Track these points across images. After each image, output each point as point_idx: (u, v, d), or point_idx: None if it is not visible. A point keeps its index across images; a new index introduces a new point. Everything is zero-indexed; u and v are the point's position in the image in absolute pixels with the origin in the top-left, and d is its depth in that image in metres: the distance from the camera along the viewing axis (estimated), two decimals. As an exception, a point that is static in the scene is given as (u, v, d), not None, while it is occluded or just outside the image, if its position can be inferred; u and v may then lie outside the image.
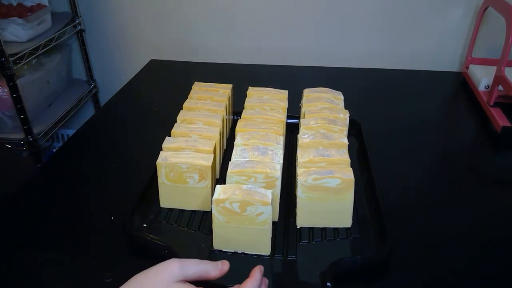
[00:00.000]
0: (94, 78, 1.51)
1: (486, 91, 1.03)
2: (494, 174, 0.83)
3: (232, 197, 0.55)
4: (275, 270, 0.58)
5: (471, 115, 1.02)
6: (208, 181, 0.65)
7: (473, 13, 1.20)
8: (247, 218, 0.56)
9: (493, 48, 1.20)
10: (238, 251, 0.60)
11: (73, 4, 1.35)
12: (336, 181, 0.60)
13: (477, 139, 0.95)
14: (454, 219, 0.68)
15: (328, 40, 1.31)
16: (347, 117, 0.76)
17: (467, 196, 0.75)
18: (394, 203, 0.68)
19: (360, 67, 1.25)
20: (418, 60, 1.28)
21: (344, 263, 0.56)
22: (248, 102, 0.80)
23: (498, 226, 0.68)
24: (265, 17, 1.30)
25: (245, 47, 1.35)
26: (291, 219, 0.65)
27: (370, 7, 1.24)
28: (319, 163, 0.64)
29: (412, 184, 0.77)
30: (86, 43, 1.44)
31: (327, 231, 0.63)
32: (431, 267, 0.59)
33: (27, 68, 1.21)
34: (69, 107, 1.36)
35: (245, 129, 0.72)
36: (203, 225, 0.64)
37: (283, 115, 0.77)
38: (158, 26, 1.37)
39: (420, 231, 0.66)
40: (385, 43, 1.28)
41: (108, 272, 0.57)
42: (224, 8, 1.30)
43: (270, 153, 0.65)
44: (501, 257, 0.62)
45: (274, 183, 0.62)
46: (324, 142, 0.68)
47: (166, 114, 0.82)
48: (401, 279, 0.58)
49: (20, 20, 1.15)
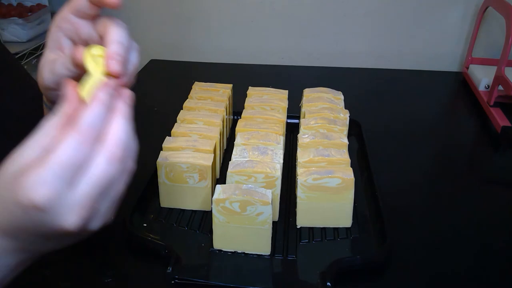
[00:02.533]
0: (94, 78, 1.51)
1: (486, 91, 1.03)
2: (494, 174, 0.83)
3: (232, 197, 0.55)
4: (275, 270, 0.58)
5: (471, 115, 1.02)
6: (208, 181, 0.65)
7: (473, 13, 1.20)
8: (247, 218, 0.56)
9: (493, 48, 1.20)
10: (238, 251, 0.60)
11: (73, 4, 1.34)
12: (336, 181, 0.60)
13: (477, 139, 0.95)
14: (454, 219, 0.68)
15: (328, 40, 1.31)
16: (347, 117, 0.76)
17: (467, 196, 0.75)
18: (394, 203, 0.68)
19: (360, 67, 1.25)
20: (418, 60, 1.28)
21: (344, 263, 0.56)
22: (248, 102, 0.80)
23: (498, 226, 0.68)
24: (265, 17, 1.30)
25: (245, 47, 1.35)
26: (291, 219, 0.65)
27: (370, 7, 1.23)
28: (319, 163, 0.64)
29: (412, 184, 0.77)
30: (86, 43, 1.44)
31: (327, 231, 0.63)
32: (431, 267, 0.59)
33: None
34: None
35: (245, 129, 0.72)
36: (203, 225, 0.64)
37: (283, 115, 0.77)
38: (158, 26, 1.37)
39: (420, 231, 0.66)
40: (385, 43, 1.28)
41: (108, 272, 0.57)
42: (224, 8, 1.30)
43: (270, 153, 0.65)
44: (501, 257, 0.62)
45: (274, 183, 0.62)
46: (324, 142, 0.68)
47: (166, 114, 0.82)
48: (401, 279, 0.58)
49: (20, 20, 1.15)
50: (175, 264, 0.56)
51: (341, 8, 1.25)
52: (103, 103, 0.32)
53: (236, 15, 1.31)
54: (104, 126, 0.32)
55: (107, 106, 0.32)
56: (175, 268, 0.55)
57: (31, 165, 0.29)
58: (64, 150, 0.29)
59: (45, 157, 0.29)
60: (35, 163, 0.29)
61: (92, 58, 0.37)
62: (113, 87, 0.33)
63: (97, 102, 0.32)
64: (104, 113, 0.32)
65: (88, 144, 0.30)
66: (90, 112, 0.31)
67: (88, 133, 0.30)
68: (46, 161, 0.29)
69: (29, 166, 0.29)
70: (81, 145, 0.30)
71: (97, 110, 0.31)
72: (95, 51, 0.38)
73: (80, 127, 0.30)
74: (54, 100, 0.47)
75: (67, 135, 0.30)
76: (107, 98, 0.32)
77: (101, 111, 0.32)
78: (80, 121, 0.30)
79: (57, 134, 0.31)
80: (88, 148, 0.30)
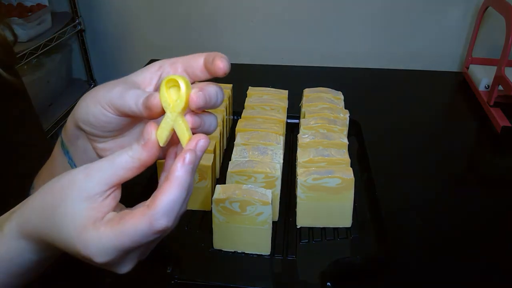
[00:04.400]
0: (94, 78, 1.51)
1: (486, 91, 1.03)
2: (494, 174, 0.83)
3: (232, 197, 0.55)
4: (275, 270, 0.58)
5: (471, 115, 1.02)
6: (208, 181, 0.65)
7: (473, 13, 1.20)
8: (247, 218, 0.56)
9: (493, 48, 1.20)
10: (238, 251, 0.60)
11: (73, 4, 1.34)
12: (336, 181, 0.60)
13: (477, 139, 0.95)
14: (454, 218, 0.68)
15: (328, 40, 1.31)
16: (347, 117, 0.76)
17: (467, 196, 0.75)
18: (394, 203, 0.68)
19: (360, 67, 1.25)
20: (418, 60, 1.28)
21: (344, 263, 0.56)
22: (248, 102, 0.80)
23: (498, 226, 0.68)
24: (265, 17, 1.30)
25: (245, 47, 1.35)
26: (291, 219, 0.65)
27: (370, 7, 1.23)
28: (319, 163, 0.64)
29: (412, 184, 0.77)
30: (86, 43, 1.43)
31: (327, 231, 0.63)
32: (431, 267, 0.59)
33: (27, 68, 1.21)
34: (69, 107, 1.36)
35: (245, 129, 0.72)
36: (203, 225, 0.64)
37: (283, 115, 0.77)
38: (158, 26, 1.37)
39: (420, 231, 0.66)
40: (385, 43, 1.28)
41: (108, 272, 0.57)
42: (224, 8, 1.30)
43: (270, 153, 0.65)
44: (501, 256, 0.62)
45: (274, 183, 0.62)
46: (324, 142, 0.68)
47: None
48: (401, 279, 0.58)
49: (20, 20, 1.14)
50: (175, 264, 0.56)
51: (341, 8, 1.25)
52: (183, 187, 0.30)
53: (236, 15, 1.31)
54: None
55: (186, 189, 0.30)
56: (175, 268, 0.55)
57: (98, 224, 0.30)
58: (133, 232, 0.29)
59: (115, 227, 0.29)
60: (104, 225, 0.30)
61: (168, 91, 0.31)
62: (195, 152, 0.30)
63: (176, 187, 0.29)
64: (182, 199, 0.30)
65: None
66: (168, 198, 0.30)
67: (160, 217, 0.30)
68: (114, 232, 0.29)
69: (95, 221, 0.30)
70: (150, 230, 0.29)
71: (175, 196, 0.30)
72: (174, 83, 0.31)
73: (155, 215, 0.29)
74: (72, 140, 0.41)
75: (141, 217, 0.29)
76: (187, 178, 0.30)
77: (181, 197, 0.30)
78: (157, 208, 0.29)
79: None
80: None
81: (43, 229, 0.32)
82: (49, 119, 1.27)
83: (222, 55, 0.33)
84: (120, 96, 0.33)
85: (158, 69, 0.37)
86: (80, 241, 0.30)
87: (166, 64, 0.37)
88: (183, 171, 0.30)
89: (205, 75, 0.35)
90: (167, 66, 0.37)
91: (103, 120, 0.35)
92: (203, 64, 0.35)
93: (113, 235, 0.29)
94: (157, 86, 0.37)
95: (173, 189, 0.29)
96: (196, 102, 0.30)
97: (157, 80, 0.37)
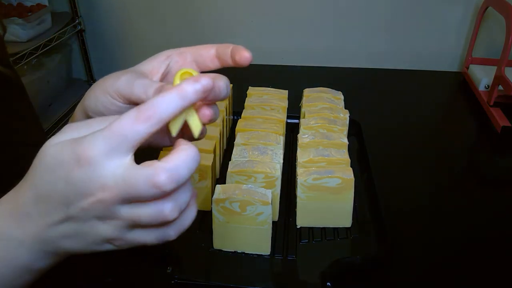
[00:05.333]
0: (94, 78, 1.51)
1: (486, 91, 1.03)
2: (494, 174, 0.83)
3: (232, 197, 0.55)
4: (275, 270, 0.58)
5: (471, 115, 1.02)
6: (208, 181, 0.65)
7: (473, 13, 1.20)
8: (247, 218, 0.56)
9: (493, 48, 1.20)
10: (238, 251, 0.60)
11: (73, 4, 1.34)
12: (336, 181, 0.60)
13: (477, 139, 0.95)
14: (454, 218, 0.68)
15: (328, 40, 1.31)
16: (347, 117, 0.76)
17: (467, 196, 0.75)
18: (394, 203, 0.68)
19: (360, 67, 1.25)
20: (418, 60, 1.28)
21: (344, 263, 0.56)
22: (248, 102, 0.80)
23: (498, 226, 0.68)
24: (265, 17, 1.30)
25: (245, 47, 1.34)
26: (291, 219, 0.65)
27: (370, 7, 1.23)
28: (319, 163, 0.64)
29: (412, 184, 0.77)
30: (86, 43, 1.44)
31: (327, 231, 0.63)
32: (431, 267, 0.59)
33: (27, 68, 1.21)
34: (69, 107, 1.36)
35: (245, 129, 0.72)
36: (203, 225, 0.64)
37: (283, 115, 0.77)
38: (158, 26, 1.37)
39: (420, 231, 0.66)
40: (385, 43, 1.28)
41: (108, 272, 0.57)
42: (224, 8, 1.30)
43: (270, 153, 0.65)
44: (501, 256, 0.62)
45: (274, 183, 0.62)
46: (324, 142, 0.68)
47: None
48: (401, 278, 0.58)
49: (20, 20, 1.14)
50: (175, 264, 0.56)
51: (341, 8, 1.25)
52: (181, 97, 0.28)
53: (236, 15, 1.31)
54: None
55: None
56: (175, 268, 0.55)
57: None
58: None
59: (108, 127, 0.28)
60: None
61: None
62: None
63: (178, 98, 0.28)
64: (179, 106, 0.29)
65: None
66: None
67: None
68: (109, 128, 0.28)
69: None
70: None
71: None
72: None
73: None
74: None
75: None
76: (191, 94, 0.29)
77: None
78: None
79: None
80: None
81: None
82: (49, 119, 1.27)
83: (241, 46, 0.35)
84: (127, 85, 0.33)
85: (166, 59, 0.37)
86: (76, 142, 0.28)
87: (174, 53, 0.37)
88: (188, 85, 0.29)
89: (215, 65, 0.36)
90: (175, 55, 0.37)
91: (113, 110, 0.35)
92: (214, 54, 0.35)
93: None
94: (164, 75, 0.37)
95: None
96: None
97: (164, 69, 0.37)
